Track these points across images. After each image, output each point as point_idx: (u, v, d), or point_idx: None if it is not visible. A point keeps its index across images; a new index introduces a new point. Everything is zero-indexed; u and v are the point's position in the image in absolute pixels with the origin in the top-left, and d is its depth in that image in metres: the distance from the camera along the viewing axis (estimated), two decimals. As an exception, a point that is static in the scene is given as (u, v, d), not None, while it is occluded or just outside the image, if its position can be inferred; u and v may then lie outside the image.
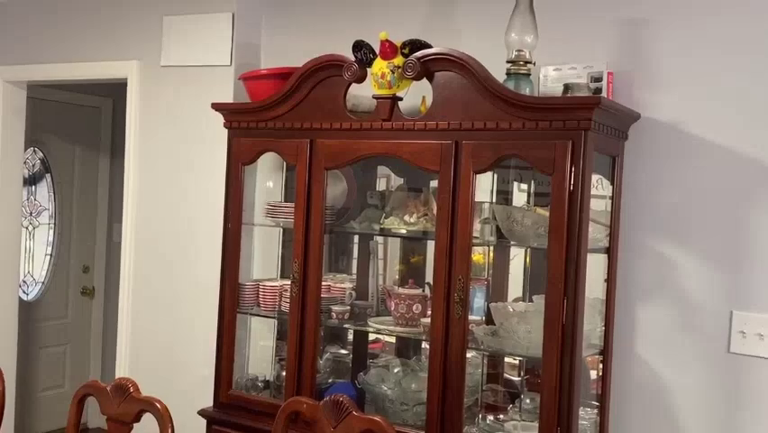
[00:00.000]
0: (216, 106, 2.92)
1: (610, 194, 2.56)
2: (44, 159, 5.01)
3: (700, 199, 2.48)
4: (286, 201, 3.02)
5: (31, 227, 4.98)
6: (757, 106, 2.41)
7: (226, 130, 2.92)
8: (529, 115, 2.29)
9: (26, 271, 4.95)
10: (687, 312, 2.49)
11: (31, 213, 4.98)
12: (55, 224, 5.06)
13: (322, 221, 2.68)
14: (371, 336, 3.11)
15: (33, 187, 4.99)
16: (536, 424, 2.46)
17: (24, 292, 4.92)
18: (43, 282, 5.04)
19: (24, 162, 4.85)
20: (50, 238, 5.06)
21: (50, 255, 5.07)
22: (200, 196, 3.41)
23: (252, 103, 2.86)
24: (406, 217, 2.74)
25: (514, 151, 2.35)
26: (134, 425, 2.25)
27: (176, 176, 3.50)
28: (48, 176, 5.04)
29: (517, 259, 2.86)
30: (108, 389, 2.25)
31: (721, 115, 2.46)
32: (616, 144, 2.52)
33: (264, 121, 2.80)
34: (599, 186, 2.53)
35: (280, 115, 2.76)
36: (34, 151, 4.96)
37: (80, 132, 5.15)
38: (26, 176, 4.90)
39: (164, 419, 2.11)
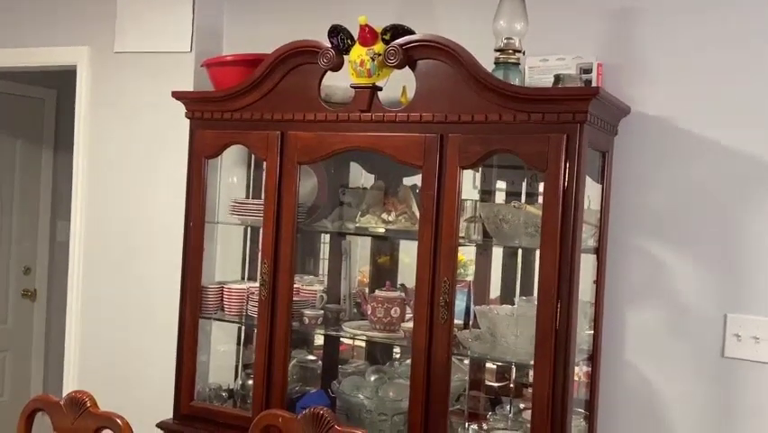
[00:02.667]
0: (177, 95, 2.71)
1: (598, 191, 2.44)
2: (-19, 153, 4.68)
3: (692, 197, 2.39)
4: (252, 198, 2.82)
5: (-34, 226, 4.64)
6: (750, 102, 2.32)
7: (187, 121, 2.71)
8: (521, 107, 2.16)
9: (-39, 273, 4.61)
10: (679, 315, 2.40)
11: (-34, 210, 4.64)
12: (-6, 222, 4.73)
13: (294, 220, 2.50)
14: (344, 341, 2.94)
15: (-31, 182, 4.65)
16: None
17: (-41, 295, 4.58)
18: (-20, 285, 4.70)
19: (-41, 156, 4.53)
20: (-12, 237, 4.72)
21: (-12, 255, 4.73)
22: (158, 192, 3.19)
23: (218, 91, 2.66)
24: (384, 216, 2.58)
25: (504, 145, 2.21)
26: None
27: (130, 171, 3.27)
28: (-15, 171, 4.71)
29: (499, 259, 2.73)
30: (62, 403, 2.02)
31: (713, 111, 2.38)
32: (606, 140, 2.41)
33: (230, 111, 2.60)
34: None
35: (248, 104, 2.56)
36: (-30, 144, 4.62)
37: (21, 125, 4.81)
38: (-38, 171, 4.58)
39: (125, 437, 1.90)
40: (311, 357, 3.07)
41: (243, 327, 2.88)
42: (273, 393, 2.52)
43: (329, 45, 2.39)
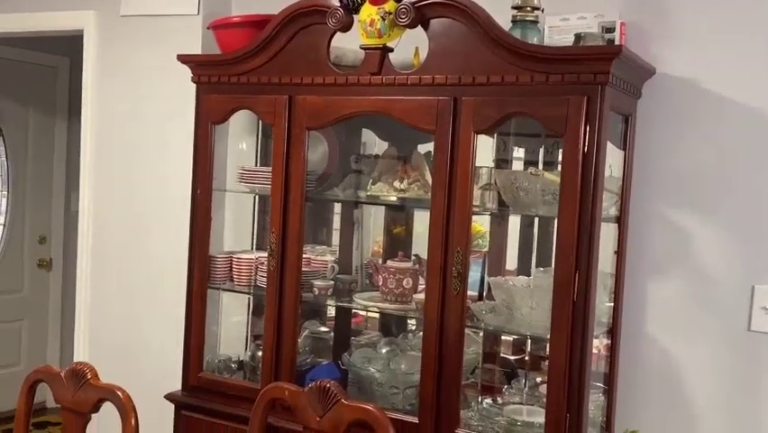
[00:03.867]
0: (183, 59, 2.62)
1: (620, 157, 2.33)
2: (-5, 122, 4.64)
3: (720, 163, 2.27)
4: (261, 165, 2.74)
5: (-19, 195, 4.63)
6: (783, 62, 2.19)
7: (194, 86, 2.62)
8: (539, 67, 2.04)
9: (-24, 242, 4.61)
10: (703, 287, 2.29)
11: (-19, 180, 4.62)
12: (8, 191, 4.70)
13: (302, 187, 2.42)
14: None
15: (-17, 152, 4.62)
16: (538, 408, 2.26)
17: (-25, 264, 4.59)
18: (-4, 254, 4.70)
19: (-29, 125, 4.50)
20: (3, 207, 4.70)
21: (3, 225, 4.72)
22: (166, 159, 3.12)
23: (223, 54, 2.57)
24: (396, 183, 2.49)
25: (521, 108, 2.10)
26: (93, 415, 1.99)
27: (138, 138, 3.20)
28: (-1, 140, 4.68)
29: (515, 229, 2.63)
30: (62, 375, 1.97)
31: (742, 72, 2.24)
32: (629, 103, 2.29)
33: (237, 75, 2.51)
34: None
35: (255, 68, 2.47)
36: (-17, 113, 4.58)
37: (35, 93, 4.77)
38: (-25, 141, 4.55)
39: (126, 409, 1.85)
40: (323, 328, 3.01)
41: (253, 298, 2.82)
42: (282, 365, 2.46)
43: (338, 4, 2.29)
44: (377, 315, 2.84)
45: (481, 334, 2.52)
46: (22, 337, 4.80)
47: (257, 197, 2.83)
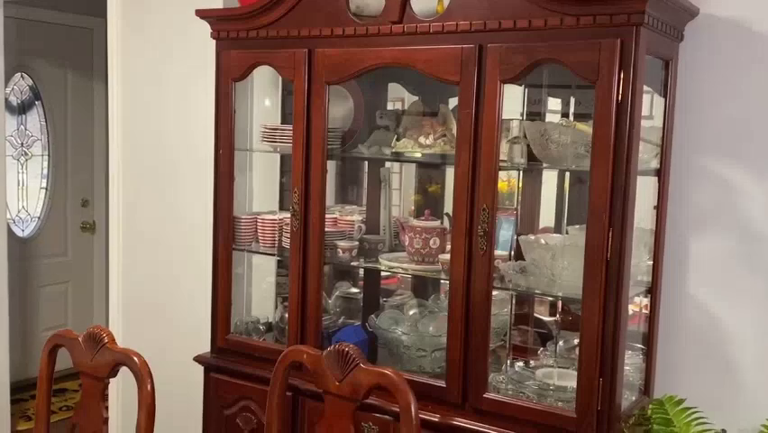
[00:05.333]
0: (201, 13, 2.54)
1: (661, 105, 2.17)
2: (33, 85, 4.66)
3: (769, 111, 2.10)
4: (284, 123, 2.66)
5: (23, 159, 4.68)
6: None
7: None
8: (568, 10, 1.90)
9: (20, 206, 4.67)
10: (748, 243, 2.14)
11: (22, 143, 4.66)
12: (49, 155, 4.75)
13: (324, 144, 2.33)
14: (386, 272, 2.79)
15: (23, 116, 4.66)
16: (572, 371, 2.16)
17: (20, 228, 4.65)
18: (39, 218, 4.76)
19: (11, 89, 4.52)
20: (45, 170, 4.76)
21: (46, 189, 4.78)
22: (193, 119, 3.07)
23: (241, 8, 2.47)
24: (422, 139, 2.38)
25: (550, 54, 1.96)
26: (113, 380, 1.97)
27: (164, 98, 3.16)
28: (38, 103, 4.70)
29: (550, 185, 2.50)
30: (80, 339, 1.95)
31: (798, 9, 2.05)
32: (669, 46, 2.12)
33: (255, 29, 2.42)
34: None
35: (273, 21, 2.37)
36: (22, 76, 4.60)
37: (72, 55, 4.78)
38: (14, 104, 4.58)
39: (142, 374, 1.82)
40: (354, 289, 2.95)
41: (278, 259, 2.76)
42: (308, 327, 2.41)
43: (355, -50, 2.17)
44: (409, 276, 2.76)
45: (513, 295, 2.41)
46: (68, 300, 4.89)
47: (280, 156, 2.75)
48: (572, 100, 2.30)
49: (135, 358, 1.84)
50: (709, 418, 2.02)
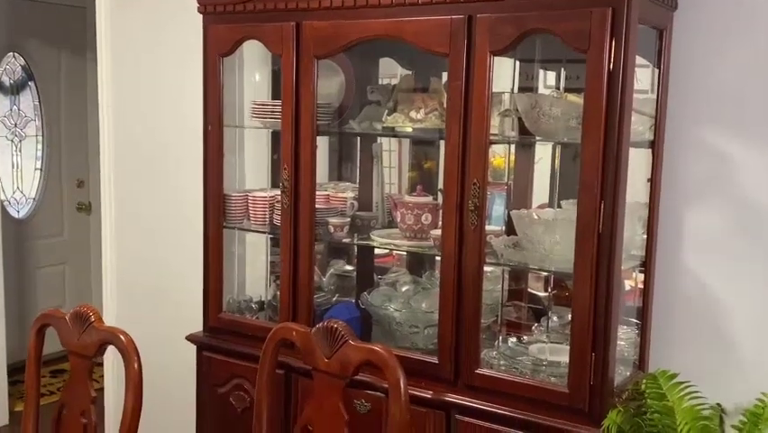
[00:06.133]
0: (187, -13, 2.49)
1: (655, 76, 2.13)
2: (26, 65, 4.62)
3: (764, 81, 2.05)
4: (275, 99, 2.62)
5: (16, 140, 4.65)
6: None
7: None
8: (558, -22, 1.85)
9: (15, 188, 4.65)
10: (744, 215, 2.10)
11: (15, 124, 4.63)
12: (43, 135, 4.72)
13: (313, 120, 2.29)
14: (383, 250, 2.77)
15: (16, 96, 4.62)
16: (565, 346, 2.14)
17: (15, 210, 4.64)
18: (35, 199, 4.74)
19: (3, 70, 4.48)
20: (39, 151, 4.73)
21: (41, 170, 4.75)
22: (183, 95, 3.02)
23: (228, -19, 2.43)
24: (413, 114, 2.34)
25: (540, 24, 1.92)
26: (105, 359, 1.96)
27: (155, 75, 3.11)
28: (31, 84, 4.66)
29: (544, 160, 2.46)
30: (67, 318, 1.94)
31: (795, -25, 2.00)
32: (663, 14, 2.07)
33: (242, 2, 2.37)
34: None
35: (260, -6, 2.33)
36: (14, 56, 4.56)
37: (64, 34, 4.73)
38: (7, 84, 4.54)
39: (128, 352, 1.80)
40: (349, 267, 2.93)
41: (271, 237, 2.74)
42: (300, 304, 2.39)
43: None
44: (404, 253, 2.74)
45: (505, 270, 2.39)
46: (65, 281, 4.88)
47: (271, 132, 2.72)
48: (563, 74, 2.26)
49: (122, 336, 1.82)
50: (704, 392, 2.00)
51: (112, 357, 2.45)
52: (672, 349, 2.21)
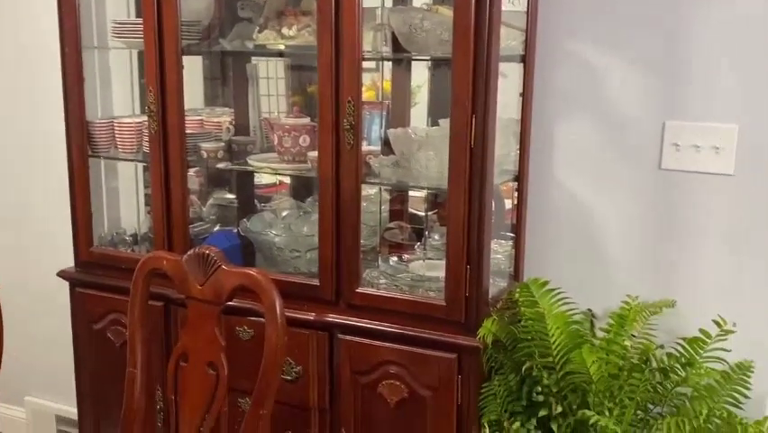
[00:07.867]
0: None
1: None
2: None
3: (632, -7, 2.08)
4: (138, 18, 2.45)
5: None
6: None
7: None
8: None
9: None
10: (613, 126, 2.16)
11: None
12: None
13: (177, 38, 2.17)
14: (272, 179, 2.70)
15: None
16: (444, 261, 2.17)
17: None
18: None
19: None
20: None
21: None
22: (42, 15, 2.79)
23: None
24: (285, 30, 2.25)
25: (407, -68, 1.86)
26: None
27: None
28: None
29: (421, 77, 2.43)
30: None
31: None
32: (533, -76, 2.05)
33: None
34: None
35: None
36: None
37: None
38: None
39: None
40: (230, 196, 2.85)
41: (142, 166, 2.61)
42: (175, 234, 2.31)
43: None
44: (288, 179, 2.68)
45: (385, 190, 2.38)
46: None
47: (137, 54, 2.56)
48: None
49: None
50: (576, 299, 2.08)
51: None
52: (545, 259, 2.28)
